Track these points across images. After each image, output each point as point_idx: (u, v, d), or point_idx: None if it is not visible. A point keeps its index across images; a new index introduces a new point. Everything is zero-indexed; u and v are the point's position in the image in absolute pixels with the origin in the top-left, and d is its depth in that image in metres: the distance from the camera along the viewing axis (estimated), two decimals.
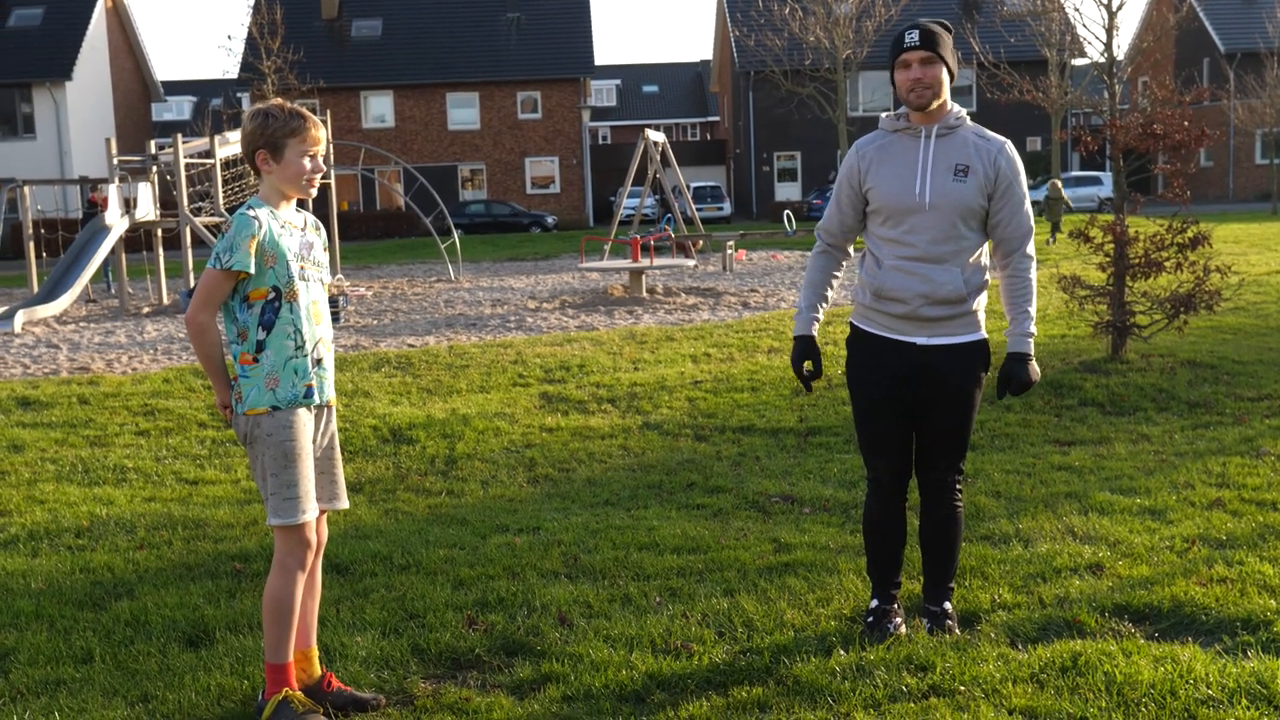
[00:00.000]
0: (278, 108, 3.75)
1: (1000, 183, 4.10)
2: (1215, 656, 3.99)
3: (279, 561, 3.78)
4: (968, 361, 4.19)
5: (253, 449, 3.75)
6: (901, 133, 4.18)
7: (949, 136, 4.13)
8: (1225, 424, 8.03)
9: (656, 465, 7.50)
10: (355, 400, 9.82)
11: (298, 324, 3.75)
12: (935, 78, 4.06)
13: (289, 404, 3.72)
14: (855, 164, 4.24)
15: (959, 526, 4.34)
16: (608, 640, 4.33)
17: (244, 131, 3.77)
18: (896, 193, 4.11)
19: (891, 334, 4.19)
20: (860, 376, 4.27)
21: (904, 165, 4.13)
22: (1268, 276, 16.84)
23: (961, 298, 4.11)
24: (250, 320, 3.71)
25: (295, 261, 3.76)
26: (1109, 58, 28.99)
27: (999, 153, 4.11)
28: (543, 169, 51.82)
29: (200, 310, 3.70)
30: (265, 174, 3.76)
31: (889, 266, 4.14)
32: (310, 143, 3.75)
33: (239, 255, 3.64)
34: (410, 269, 28.23)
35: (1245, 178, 52.13)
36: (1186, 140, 10.03)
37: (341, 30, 52.33)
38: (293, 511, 3.72)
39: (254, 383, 3.70)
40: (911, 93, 4.08)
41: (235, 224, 3.66)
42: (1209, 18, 51.34)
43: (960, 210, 4.07)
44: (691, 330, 13.47)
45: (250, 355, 3.71)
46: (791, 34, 39.23)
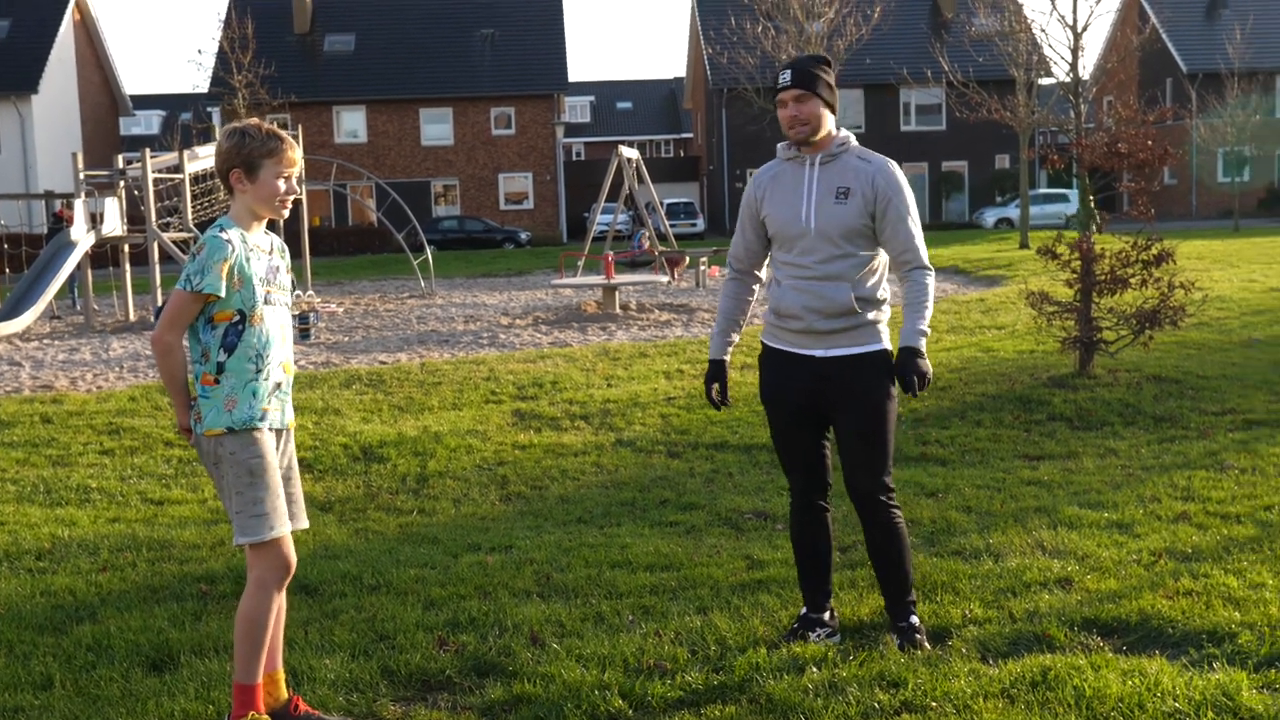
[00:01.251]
0: (255, 127, 3.75)
1: (880, 201, 4.25)
2: (1182, 669, 4.03)
3: (257, 579, 3.75)
4: (866, 371, 4.30)
5: (217, 469, 3.74)
6: (791, 161, 4.41)
7: (832, 163, 4.33)
8: (1190, 438, 8.10)
9: (630, 482, 7.50)
10: (325, 418, 9.78)
11: (260, 348, 3.75)
12: (810, 113, 4.27)
13: (244, 425, 3.71)
14: (753, 193, 4.49)
15: (898, 539, 4.38)
16: (580, 660, 4.32)
17: (219, 149, 3.77)
18: (785, 219, 4.33)
19: (793, 348, 4.38)
20: (770, 392, 4.47)
21: (792, 192, 4.35)
22: (1230, 293, 17.01)
23: (852, 310, 4.26)
24: (213, 341, 3.72)
25: (261, 286, 3.76)
26: (1075, 78, 29.25)
27: (877, 172, 4.28)
28: (516, 185, 51.82)
29: (167, 330, 3.71)
30: (239, 193, 3.76)
31: (786, 286, 4.36)
32: (286, 164, 3.76)
33: (210, 278, 3.64)
34: (382, 285, 28.16)
35: (1207, 196, 52.64)
36: (1150, 159, 10.14)
37: (314, 45, 52.23)
38: (260, 528, 3.70)
39: (213, 404, 3.71)
40: (791, 129, 4.30)
41: (208, 246, 3.66)
42: (1171, 39, 51.89)
43: (843, 231, 4.25)
44: (665, 346, 13.49)
45: (211, 376, 3.71)
46: (764, 52, 39.39)
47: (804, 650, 4.31)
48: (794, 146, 4.37)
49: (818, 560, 4.51)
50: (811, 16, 37.40)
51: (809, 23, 36.90)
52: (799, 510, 4.50)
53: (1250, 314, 14.58)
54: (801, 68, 4.28)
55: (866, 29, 40.03)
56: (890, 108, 51.66)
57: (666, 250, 26.02)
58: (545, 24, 53.53)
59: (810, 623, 4.48)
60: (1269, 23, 52.30)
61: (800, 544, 4.53)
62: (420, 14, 53.82)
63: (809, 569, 4.52)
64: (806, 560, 4.52)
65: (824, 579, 4.53)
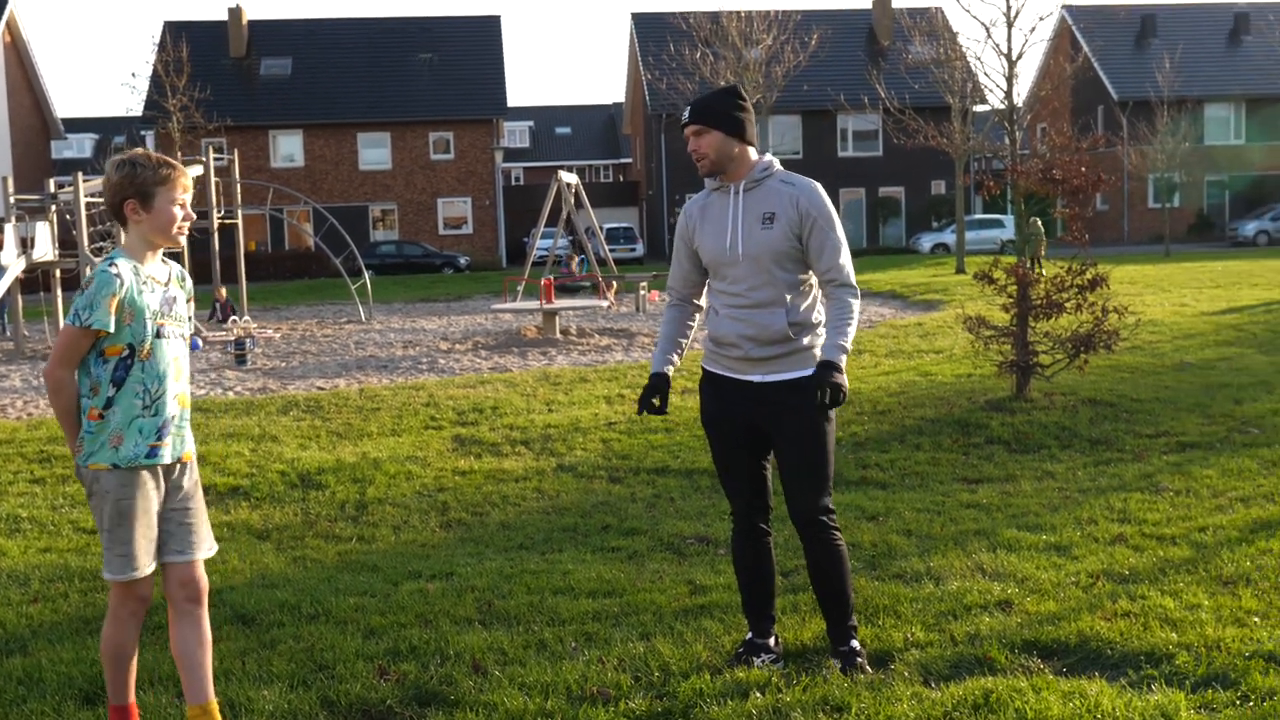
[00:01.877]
0: (144, 157, 3.72)
1: (805, 222, 4.30)
2: (1121, 690, 4.06)
3: (112, 611, 3.80)
4: (805, 395, 4.30)
5: (92, 501, 3.74)
6: (718, 191, 4.47)
7: (755, 189, 4.38)
8: (1125, 460, 8.21)
9: (571, 508, 7.47)
10: (263, 445, 9.65)
11: (148, 383, 3.70)
12: (710, 145, 4.35)
13: (129, 463, 3.68)
14: (684, 224, 4.56)
15: (838, 562, 4.38)
16: (523, 688, 4.28)
17: (109, 181, 3.71)
18: (715, 248, 4.40)
19: (732, 373, 4.41)
20: (710, 415, 4.50)
21: (719, 222, 4.41)
22: (1162, 317, 17.31)
23: (787, 336, 4.30)
24: (103, 376, 3.67)
25: (153, 320, 3.71)
26: (1009, 105, 29.72)
27: (800, 194, 4.33)
28: (455, 209, 51.68)
29: (59, 365, 3.67)
30: (134, 224, 3.71)
31: (722, 315, 4.41)
32: (180, 190, 3.73)
33: (99, 314, 3.60)
34: (320, 310, 27.92)
35: (1139, 221, 53.66)
36: (1084, 185, 10.30)
37: (250, 69, 51.85)
38: (124, 569, 3.71)
39: (98, 439, 3.67)
40: (697, 164, 4.40)
41: (96, 281, 3.61)
42: (1103, 67, 52.93)
43: (772, 255, 4.30)
44: (605, 371, 13.47)
45: (98, 411, 3.67)
46: (703, 78, 39.66)
47: (747, 675, 4.29)
48: (719, 177, 4.42)
49: (761, 585, 4.51)
50: (749, 43, 37.74)
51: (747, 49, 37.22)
52: (741, 534, 4.51)
53: (1182, 338, 14.84)
54: (698, 103, 4.37)
55: (804, 56, 40.47)
56: (828, 134, 52.18)
57: (606, 274, 26.07)
58: (484, 49, 53.56)
59: (755, 648, 4.48)
60: (1197, 52, 53.56)
61: (743, 569, 4.53)
62: (358, 38, 53.65)
63: (752, 594, 4.53)
64: (750, 585, 4.52)
65: (767, 604, 4.53)
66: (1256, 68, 52.45)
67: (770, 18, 39.88)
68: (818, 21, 52.14)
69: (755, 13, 39.04)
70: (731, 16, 38.21)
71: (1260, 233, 46.82)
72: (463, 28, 54.73)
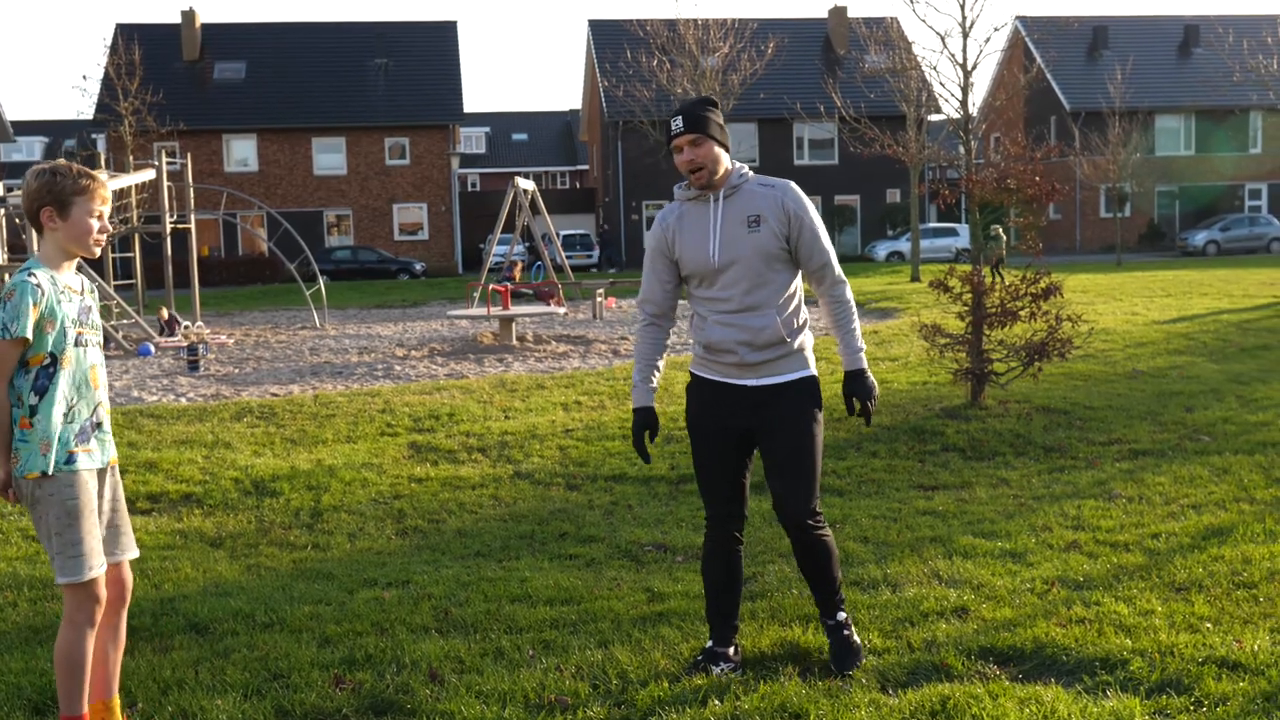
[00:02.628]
0: (65, 166, 3.78)
1: (792, 222, 4.35)
2: (1077, 696, 4.09)
3: (69, 617, 3.77)
4: (798, 397, 4.38)
5: (35, 510, 3.73)
6: (694, 201, 4.46)
7: (735, 195, 4.40)
8: (1079, 468, 8.28)
9: (528, 515, 7.44)
10: (216, 451, 9.55)
11: (69, 391, 3.75)
12: (706, 154, 4.33)
13: (59, 468, 3.72)
14: (662, 235, 4.51)
15: (827, 550, 4.46)
16: (480, 696, 4.25)
17: (28, 189, 3.76)
18: (698, 257, 4.39)
19: (725, 378, 4.42)
20: (697, 418, 4.49)
21: (701, 230, 4.40)
22: (1114, 325, 17.50)
23: (781, 339, 4.34)
24: (25, 385, 3.71)
25: (73, 328, 3.76)
26: (964, 115, 29.97)
27: (784, 195, 4.38)
28: (411, 215, 51.45)
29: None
30: (49, 231, 3.77)
31: (712, 322, 4.40)
32: (98, 201, 3.79)
33: (24, 322, 3.65)
34: (274, 316, 27.70)
35: (1091, 230, 54.30)
36: (1038, 194, 10.40)
37: (203, 72, 51.40)
38: (78, 569, 3.72)
39: (30, 447, 3.70)
40: (691, 174, 4.37)
41: (18, 291, 3.65)
42: (1055, 78, 53.54)
43: (761, 257, 4.33)
44: (562, 378, 13.44)
45: (26, 419, 3.71)
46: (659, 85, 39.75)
47: (706, 682, 4.29)
48: (692, 187, 4.42)
49: (728, 593, 4.51)
50: (706, 51, 37.84)
51: (704, 57, 37.32)
52: (714, 541, 4.50)
53: (1133, 346, 15.01)
54: (692, 112, 4.34)
55: (761, 64, 40.63)
56: (784, 142, 52.42)
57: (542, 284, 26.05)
58: (440, 54, 53.39)
59: (714, 656, 4.48)
60: (1147, 64, 54.32)
61: (712, 576, 4.53)
62: (313, 43, 53.33)
63: (719, 601, 4.52)
64: (718, 593, 4.52)
65: (732, 612, 4.54)
66: (1206, 80, 53.23)
67: (727, 26, 40.03)
68: (774, 30, 52.42)
69: (712, 20, 39.15)
70: (688, 24, 38.31)
71: (1209, 243, 47.50)
72: (419, 33, 54.52)
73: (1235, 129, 54.18)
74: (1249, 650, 4.42)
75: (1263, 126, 54.21)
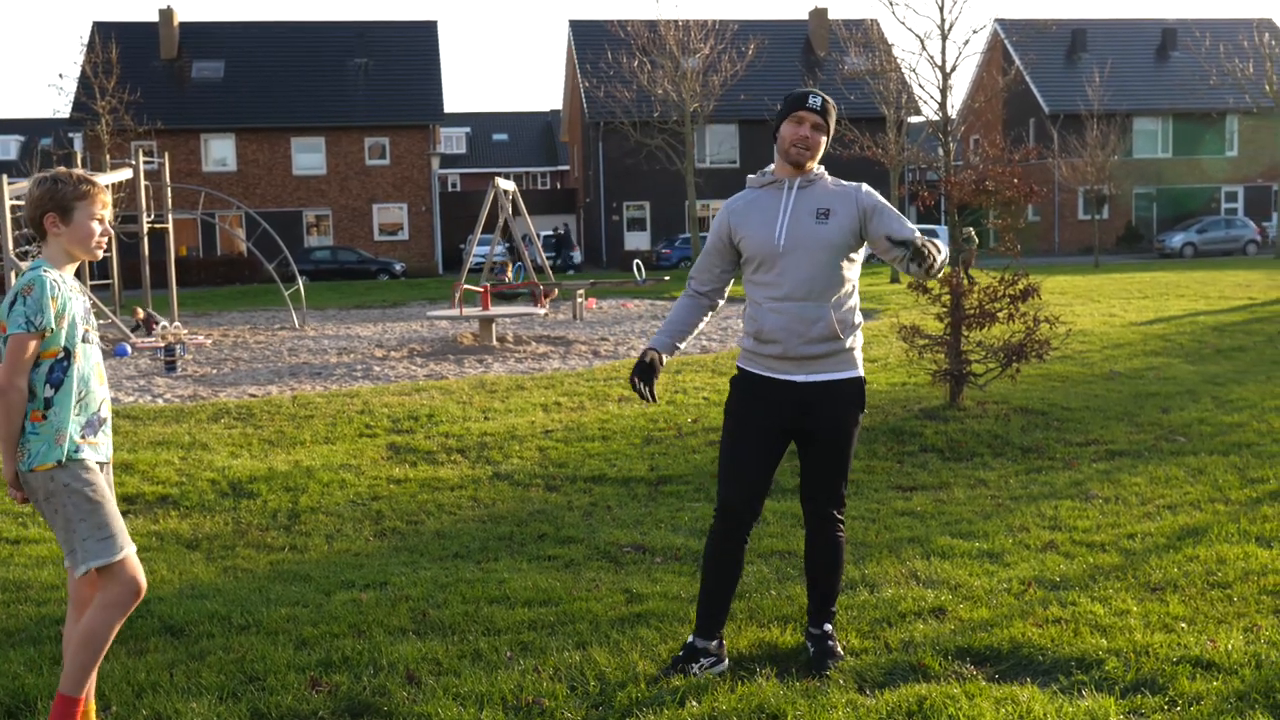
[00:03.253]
0: (65, 174, 3.90)
1: (868, 212, 4.42)
2: (1053, 696, 4.11)
3: (106, 601, 3.82)
4: (845, 398, 4.46)
5: (50, 503, 3.79)
6: (767, 188, 4.52)
7: (809, 188, 4.47)
8: (1056, 468, 8.32)
9: (507, 516, 7.43)
10: (193, 453, 9.51)
11: (79, 385, 3.85)
12: (818, 143, 4.47)
13: (73, 457, 3.81)
14: (726, 220, 4.57)
15: (840, 554, 4.56)
16: (457, 698, 4.24)
17: (31, 197, 3.88)
18: (763, 240, 4.42)
19: (773, 373, 4.44)
20: (738, 406, 4.51)
21: (769, 215, 4.45)
22: (1092, 327, 17.59)
23: (835, 334, 4.39)
24: (39, 378, 3.79)
25: (81, 324, 3.88)
26: (943, 117, 30.07)
27: (858, 191, 4.48)
28: (391, 215, 51.33)
29: (18, 375, 3.75)
30: (53, 236, 3.87)
31: (765, 309, 4.42)
32: (99, 206, 3.90)
33: (47, 315, 3.75)
34: (252, 316, 27.59)
35: (1069, 232, 54.56)
36: (1016, 196, 10.44)
37: (181, 71, 51.17)
38: (111, 549, 3.79)
39: (43, 439, 3.78)
40: (794, 147, 4.43)
41: (38, 285, 3.74)
42: (1034, 81, 53.78)
43: (825, 250, 4.37)
44: (542, 379, 13.43)
45: (40, 412, 3.79)
46: (640, 87, 39.77)
47: (684, 684, 4.29)
48: (767, 174, 4.52)
49: (726, 586, 4.52)
50: (687, 52, 37.89)
51: (685, 58, 37.37)
52: (723, 533, 4.47)
53: (1111, 347, 15.08)
54: (827, 101, 4.48)
55: (741, 65, 40.71)
56: (764, 143, 52.38)
57: (531, 283, 26.01)
58: (420, 54, 53.28)
59: (695, 652, 4.46)
60: (1125, 67, 54.61)
61: (713, 567, 4.51)
62: (292, 42, 53.16)
63: (715, 594, 4.51)
64: (717, 585, 4.50)
65: (724, 604, 4.54)
66: (1183, 83, 53.58)
67: (708, 27, 40.10)
68: (755, 31, 52.51)
69: (693, 22, 39.22)
70: (669, 25, 38.35)
71: (1186, 245, 47.79)
72: (399, 33, 54.40)
73: (1212, 132, 54.53)
74: (1223, 650, 4.44)
75: (1239, 130, 54.58)
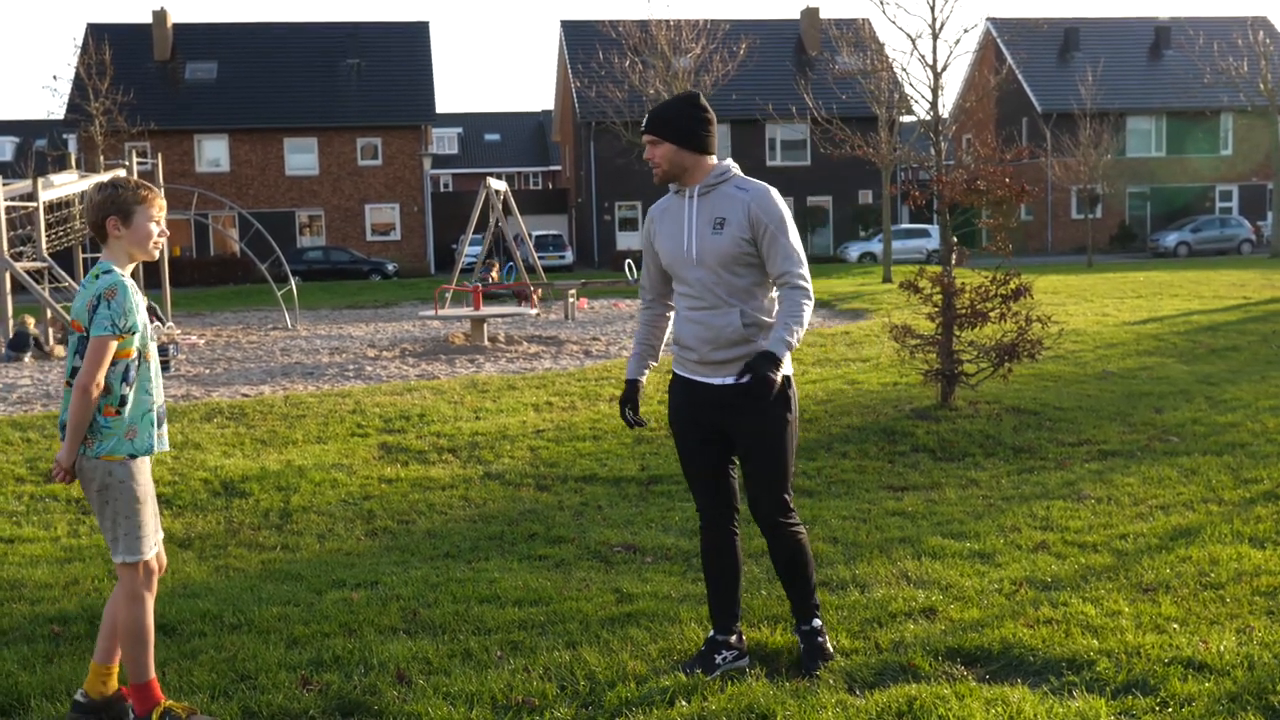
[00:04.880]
0: (124, 180, 4.14)
1: (756, 227, 4.35)
2: (1043, 697, 4.11)
3: (131, 593, 4.09)
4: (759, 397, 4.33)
5: (104, 494, 4.03)
6: (678, 194, 4.54)
7: (709, 194, 4.44)
8: (1048, 468, 8.32)
9: (498, 516, 7.43)
10: (185, 452, 9.49)
11: (149, 382, 4.13)
12: (663, 155, 4.41)
13: (144, 453, 4.08)
14: (648, 226, 4.64)
15: (801, 553, 4.50)
16: (447, 698, 4.24)
17: (92, 201, 4.12)
18: (670, 250, 4.48)
19: (695, 376, 4.48)
20: (672, 411, 4.58)
21: (675, 225, 4.49)
22: (1085, 326, 17.61)
23: (743, 338, 4.37)
24: (114, 377, 4.03)
25: (145, 325, 4.11)
26: (935, 116, 30.06)
27: (752, 200, 4.36)
28: (383, 216, 51.26)
29: (100, 374, 3.97)
30: (114, 239, 4.10)
31: (681, 317, 4.50)
32: (157, 209, 4.15)
33: (132, 318, 4.01)
34: (245, 316, 27.55)
35: (1062, 231, 54.60)
36: (1008, 196, 10.44)
37: (175, 72, 51.07)
38: (140, 548, 4.08)
39: (115, 432, 4.02)
40: (653, 171, 4.49)
41: (119, 290, 3.98)
42: (1027, 80, 53.81)
43: (721, 259, 4.36)
44: (534, 379, 13.42)
45: (113, 408, 4.03)
46: (632, 86, 39.74)
47: (673, 683, 4.29)
48: (672, 184, 4.51)
49: (724, 582, 4.56)
50: (678, 52, 37.87)
51: (676, 58, 37.36)
52: (706, 536, 4.57)
53: (1104, 347, 15.10)
54: (654, 114, 4.42)
55: (733, 65, 40.71)
56: (756, 143, 52.50)
57: (519, 284, 25.98)
58: (412, 55, 53.21)
59: (716, 645, 4.52)
60: (1118, 66, 54.67)
61: (708, 566, 4.59)
62: (284, 43, 53.06)
63: (715, 591, 4.58)
64: (714, 583, 4.58)
65: (729, 601, 4.57)
66: (1177, 81, 53.65)
67: (699, 27, 40.06)
68: (746, 31, 52.45)
69: (684, 21, 39.18)
70: (660, 25, 38.33)
71: (1180, 244, 47.87)
72: (391, 33, 54.32)
73: (1206, 131, 54.61)
74: (1215, 651, 4.45)
75: (1233, 128, 54.66)
